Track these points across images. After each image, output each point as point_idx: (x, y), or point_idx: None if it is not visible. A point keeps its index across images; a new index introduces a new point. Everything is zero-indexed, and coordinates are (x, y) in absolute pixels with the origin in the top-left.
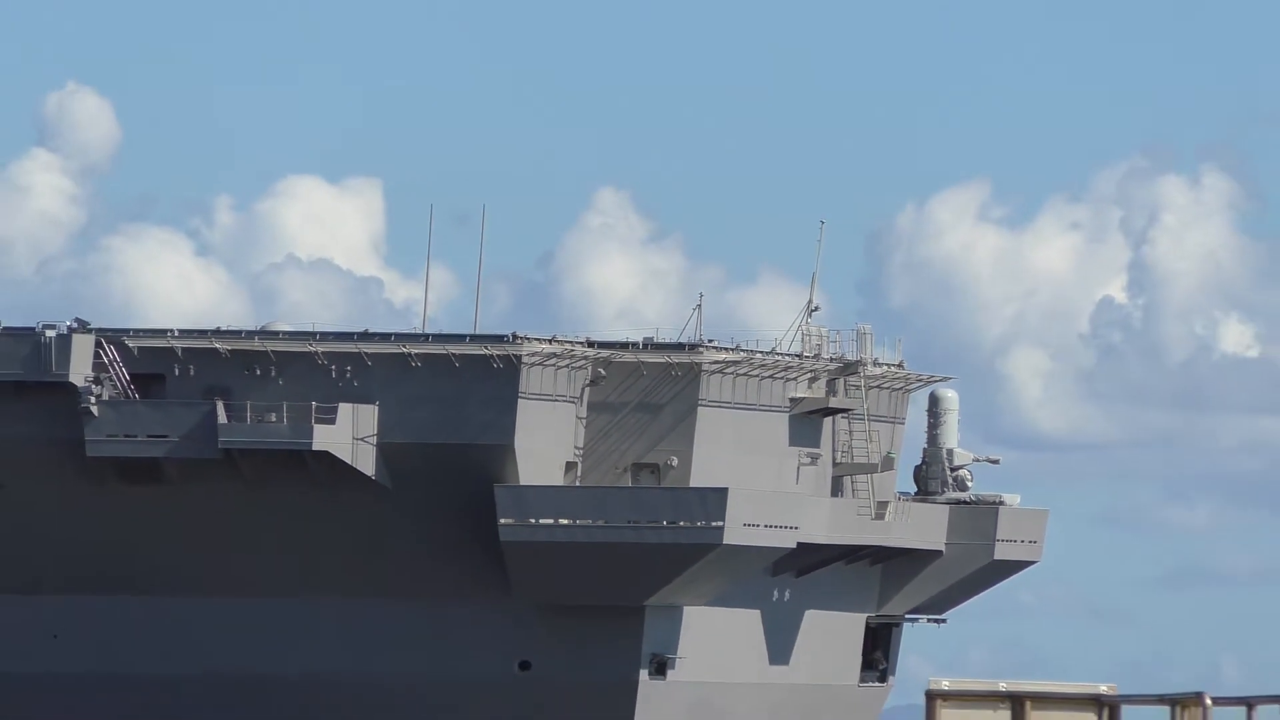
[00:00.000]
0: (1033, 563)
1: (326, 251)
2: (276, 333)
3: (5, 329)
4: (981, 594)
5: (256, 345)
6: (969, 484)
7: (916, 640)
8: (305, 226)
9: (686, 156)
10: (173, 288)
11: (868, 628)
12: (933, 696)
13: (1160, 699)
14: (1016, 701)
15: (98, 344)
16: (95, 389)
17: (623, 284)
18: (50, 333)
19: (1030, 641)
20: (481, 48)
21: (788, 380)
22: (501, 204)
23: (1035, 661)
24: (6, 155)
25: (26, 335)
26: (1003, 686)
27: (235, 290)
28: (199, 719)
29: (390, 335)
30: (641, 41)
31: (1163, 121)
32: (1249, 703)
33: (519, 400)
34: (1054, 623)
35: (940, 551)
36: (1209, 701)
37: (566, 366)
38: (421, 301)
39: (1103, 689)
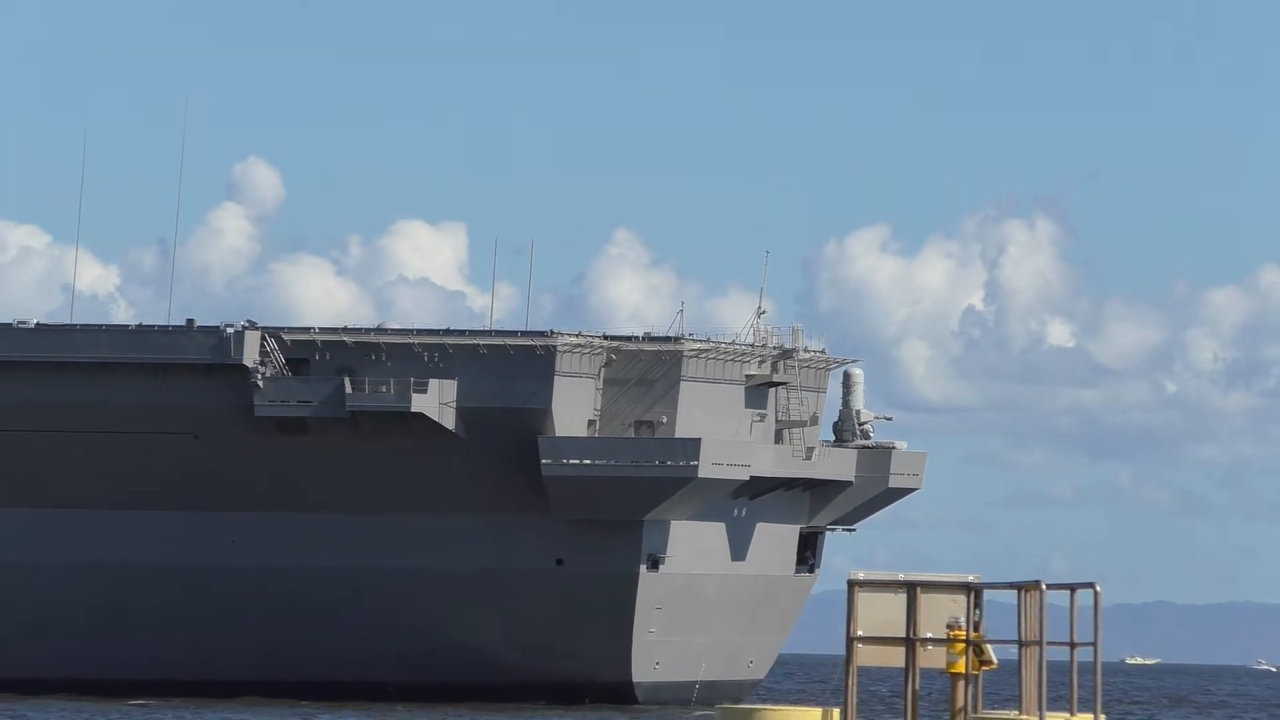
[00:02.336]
0: (916, 490)
1: (426, 272)
2: (387, 330)
3: (200, 327)
4: (880, 511)
5: (373, 338)
6: (871, 434)
7: (835, 544)
8: (412, 255)
9: (676, 207)
10: (318, 298)
11: (800, 535)
12: (852, 584)
13: (1010, 585)
14: (910, 588)
15: (262, 338)
16: (261, 369)
17: (631, 296)
18: (230, 330)
19: (917, 545)
20: (535, 121)
21: (743, 362)
22: (548, 238)
23: (921, 559)
24: (206, 206)
25: (215, 331)
26: (900, 577)
27: (362, 300)
28: (332, 599)
29: (465, 331)
30: (647, 121)
31: (1008, 182)
32: (1071, 588)
33: (555, 377)
34: (933, 532)
35: (851, 481)
36: (1044, 586)
37: (588, 353)
38: (489, 308)
39: (970, 578)
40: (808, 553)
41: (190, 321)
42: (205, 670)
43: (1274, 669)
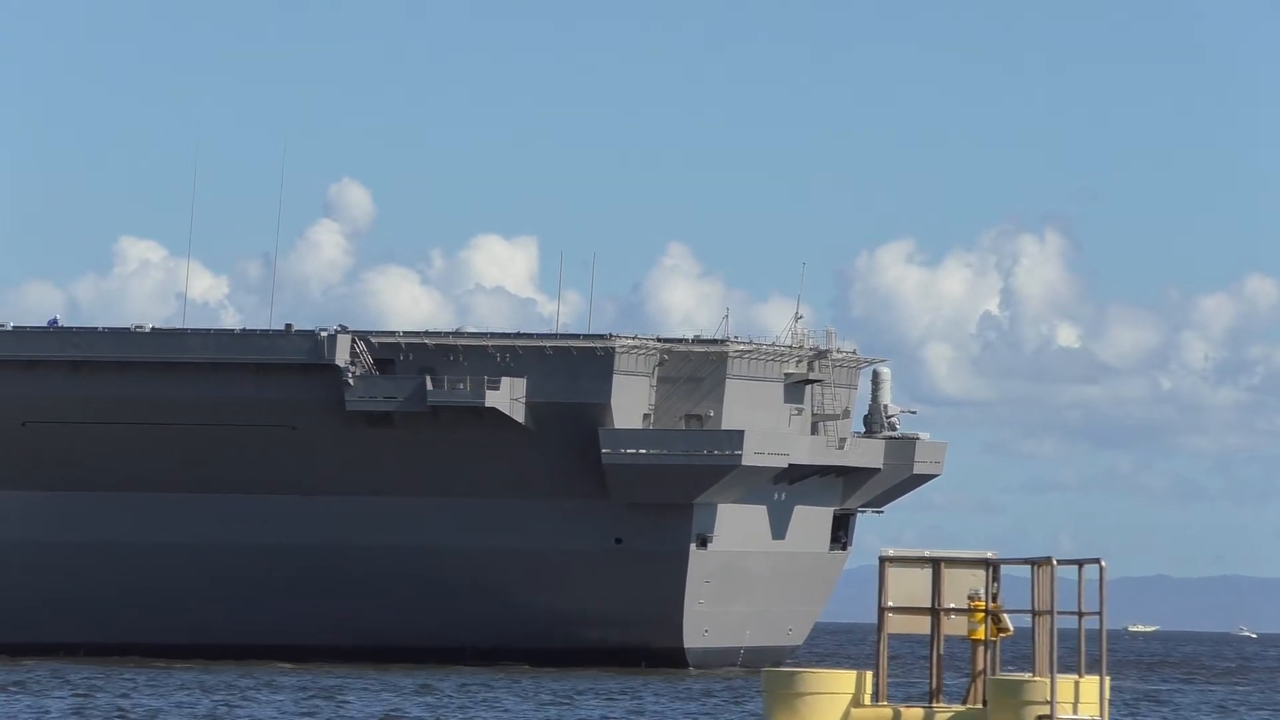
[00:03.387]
0: (937, 476)
1: (501, 281)
2: (464, 333)
3: (297, 331)
4: (906, 495)
5: (451, 341)
6: (897, 426)
7: (865, 525)
8: (488, 265)
9: (724, 223)
10: (405, 305)
11: (834, 516)
12: (883, 560)
13: (1024, 561)
14: (935, 563)
15: (353, 341)
16: (351, 369)
17: (683, 302)
18: (324, 334)
19: (939, 525)
20: (599, 145)
21: (782, 362)
22: (610, 251)
23: (944, 537)
24: (305, 223)
25: (310, 335)
26: (926, 553)
27: (444, 306)
28: (414, 573)
29: (533, 334)
30: (697, 145)
31: (1020, 201)
32: (1079, 563)
33: (614, 375)
34: (954, 513)
35: (879, 468)
36: (1055, 562)
37: (643, 354)
38: (556, 313)
39: (988, 555)
40: (841, 532)
41: (289, 326)
42: (304, 637)
43: (1254, 635)
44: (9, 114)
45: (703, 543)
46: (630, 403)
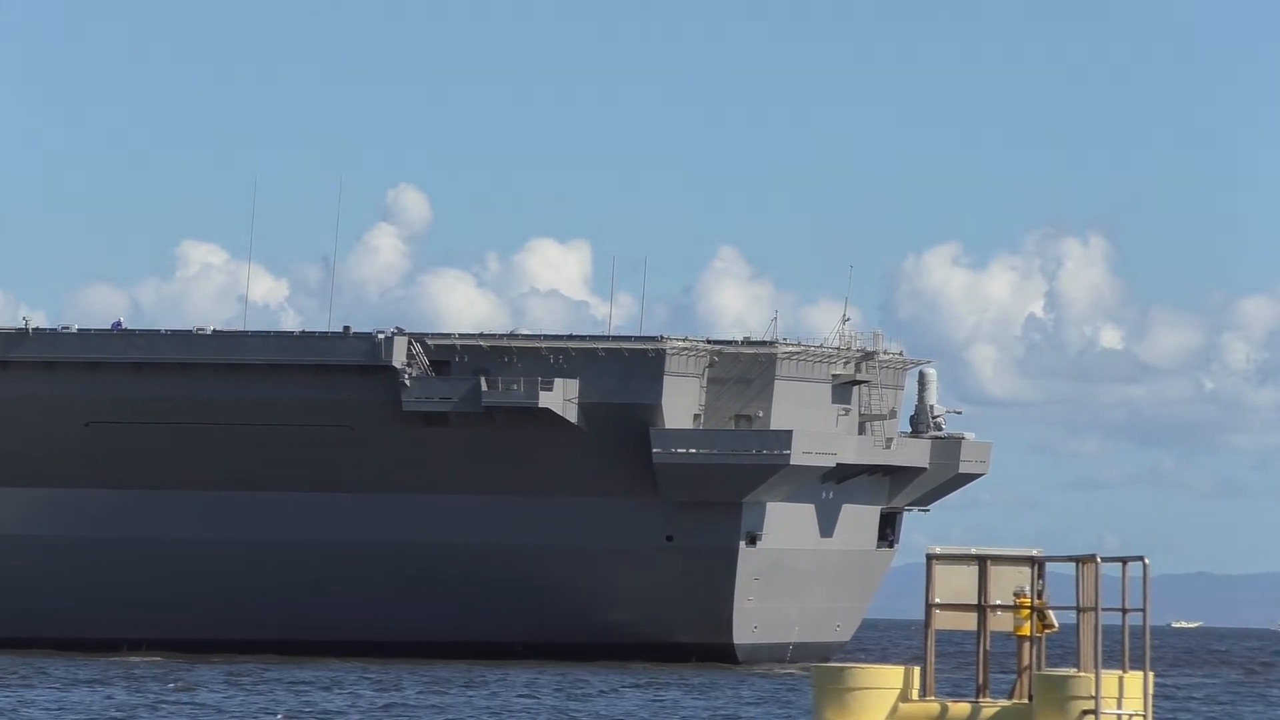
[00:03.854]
0: (982, 475)
1: (555, 284)
2: (518, 335)
3: (355, 333)
4: (952, 494)
5: (505, 343)
6: (943, 426)
7: (912, 523)
8: (543, 269)
9: (774, 226)
10: (461, 307)
11: (881, 515)
12: (930, 558)
13: (1068, 558)
14: (981, 561)
15: (409, 342)
16: (408, 370)
17: (734, 305)
18: (381, 336)
19: (985, 523)
20: (651, 150)
21: (830, 363)
22: (661, 254)
23: (989, 535)
24: (363, 227)
25: (368, 337)
26: (972, 551)
27: (499, 308)
28: (469, 570)
29: (585, 336)
30: (747, 151)
31: (1065, 204)
32: (1123, 560)
33: (664, 376)
34: (999, 511)
35: (925, 468)
36: (1099, 559)
37: (694, 355)
38: (609, 316)
39: (1033, 552)
40: (887, 530)
41: (347, 328)
42: (362, 633)
43: None
44: (72, 119)
45: (752, 540)
46: (681, 403)
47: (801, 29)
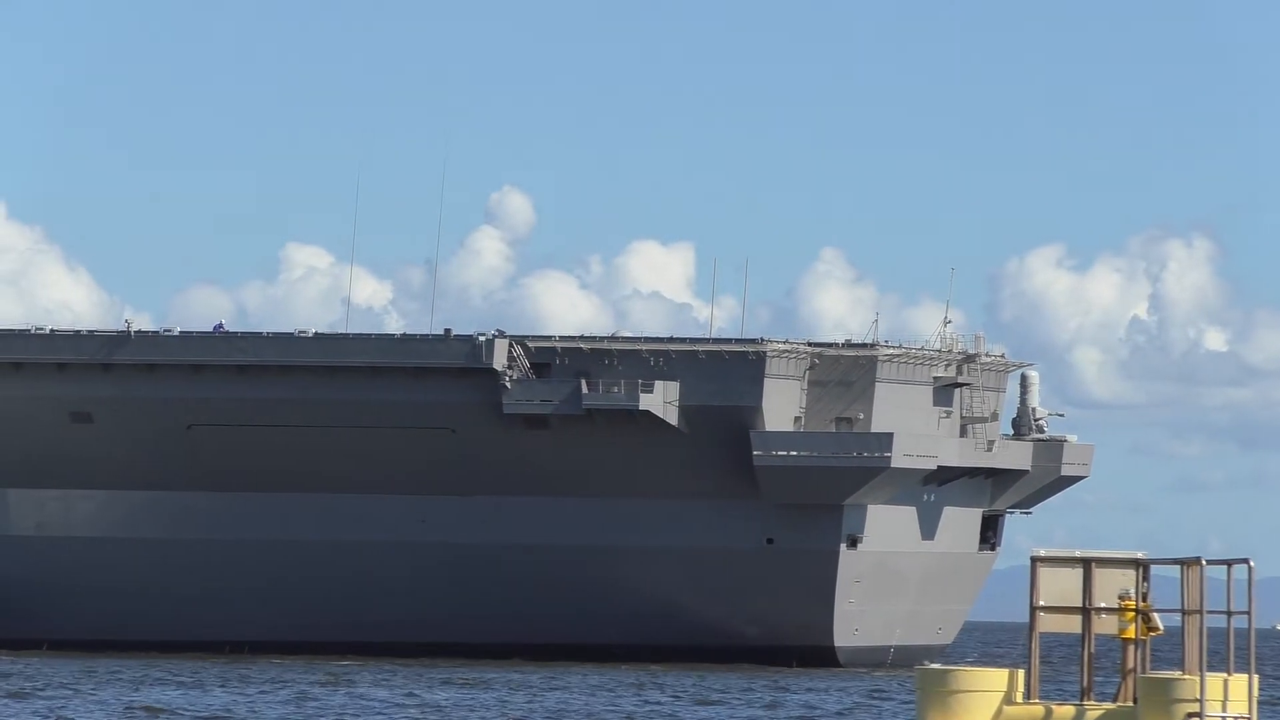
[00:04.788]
0: (1084, 478)
1: (658, 287)
2: (618, 338)
3: (456, 336)
4: (1054, 496)
5: (606, 345)
6: (1045, 429)
7: (1014, 525)
8: (645, 271)
9: (876, 228)
10: (564, 309)
11: (982, 517)
12: (1034, 560)
13: (1173, 561)
14: (1086, 563)
15: (510, 345)
16: (509, 372)
17: (836, 307)
18: (482, 338)
19: (1088, 525)
20: (753, 154)
21: (931, 365)
22: (764, 257)
23: (1092, 538)
24: (466, 230)
25: (469, 340)
26: (1077, 553)
27: (602, 310)
28: (569, 572)
29: (686, 339)
30: (850, 154)
31: (1168, 206)
32: (1228, 563)
33: (765, 379)
34: (1103, 514)
35: (1027, 470)
36: (1204, 562)
37: (794, 358)
38: (710, 318)
39: (1138, 555)
40: (989, 533)
41: (447, 331)
42: (462, 635)
43: None
44: (180, 123)
45: (853, 543)
46: (781, 405)
47: (905, 30)
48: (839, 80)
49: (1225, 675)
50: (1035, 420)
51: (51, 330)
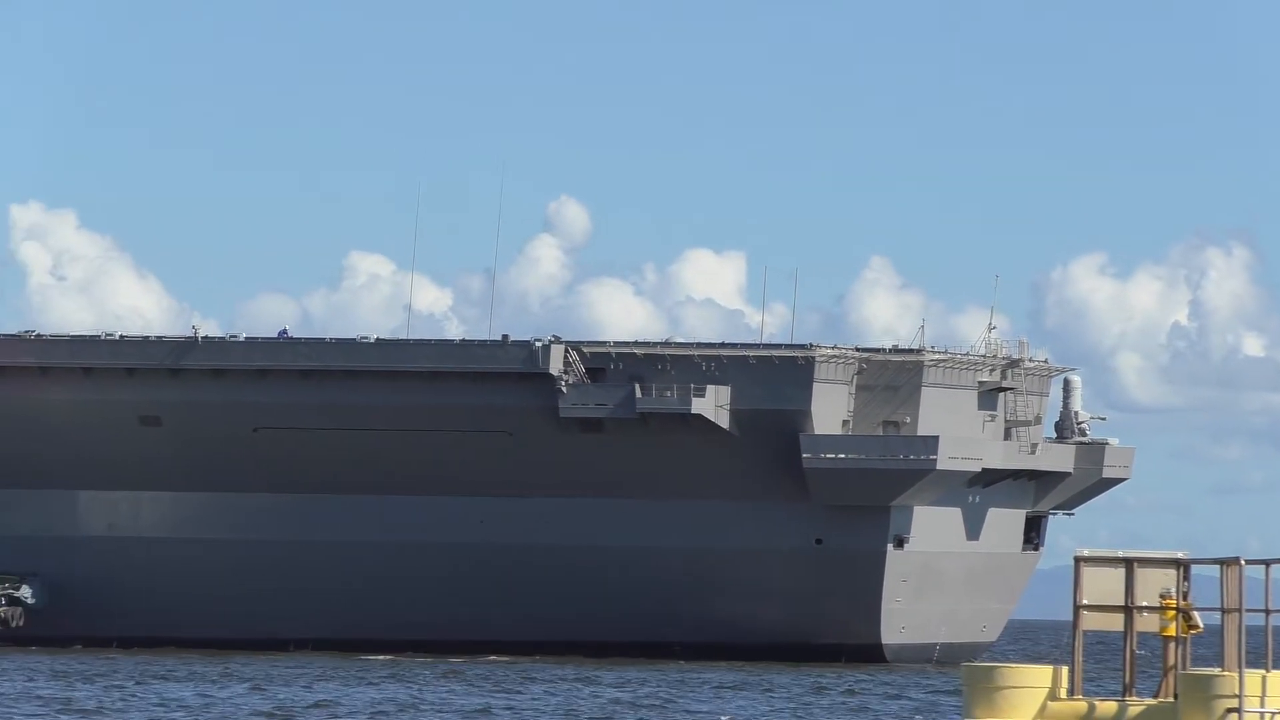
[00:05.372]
0: (1126, 479)
1: (711, 294)
2: (671, 343)
3: (513, 342)
4: (1097, 498)
5: (659, 351)
6: (1088, 432)
7: (1057, 526)
8: (698, 278)
9: (924, 237)
10: (619, 316)
11: (1026, 518)
12: (1078, 560)
13: (1213, 561)
14: (1128, 563)
15: (565, 351)
16: (564, 377)
17: (884, 313)
18: (539, 344)
19: (1129, 526)
20: (804, 165)
21: (976, 370)
22: (813, 265)
23: (1133, 538)
24: (525, 238)
25: (526, 345)
26: (1119, 553)
27: (656, 317)
28: (625, 572)
29: (737, 344)
30: (897, 165)
31: (1208, 214)
32: (1266, 563)
33: (814, 383)
34: (1144, 515)
35: (1070, 472)
36: (1243, 562)
37: (842, 363)
38: (761, 324)
39: (1179, 555)
40: (1033, 533)
41: (505, 337)
42: (519, 633)
43: None
44: (245, 137)
45: (900, 543)
46: (830, 409)
47: (951, 49)
48: (887, 94)
49: (1264, 672)
50: (1078, 424)
51: (121, 336)
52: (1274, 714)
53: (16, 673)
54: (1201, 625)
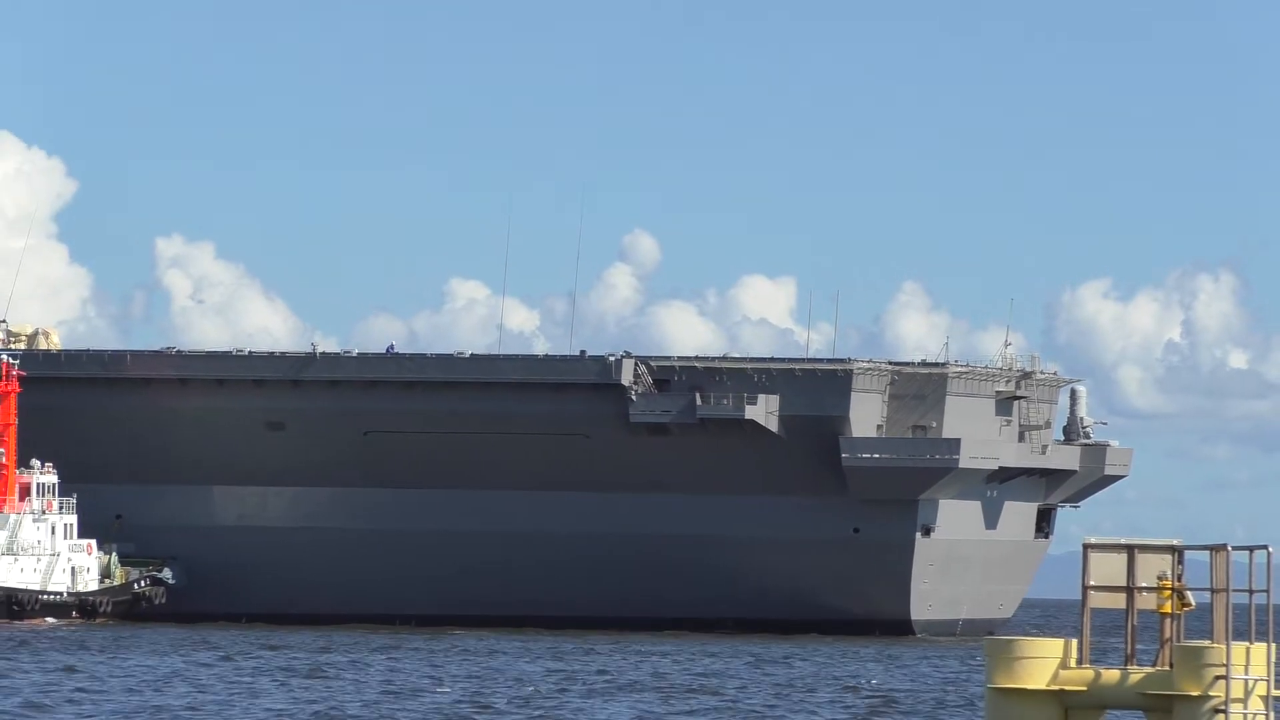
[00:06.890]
0: (1124, 477)
1: (765, 314)
2: (727, 358)
3: (590, 356)
4: (1099, 493)
5: (717, 364)
6: (1091, 435)
7: (1065, 517)
8: (754, 301)
9: (951, 264)
10: (684, 334)
11: (1038, 510)
12: (1086, 546)
13: (1203, 547)
14: (1129, 549)
15: (635, 364)
16: (634, 387)
17: (914, 331)
18: (612, 359)
19: (1129, 517)
20: (847, 200)
21: (994, 381)
22: (852, 289)
23: (1133, 528)
24: (603, 266)
25: (600, 360)
26: (1122, 541)
27: (718, 335)
28: (684, 558)
29: (784, 359)
30: (934, 192)
31: (1198, 245)
32: (1250, 549)
33: (852, 393)
34: (1142, 508)
35: (1076, 470)
36: (1230, 548)
37: (877, 375)
38: (807, 341)
39: (1174, 542)
40: (1043, 523)
41: (583, 352)
42: (597, 610)
43: None
44: (359, 178)
45: (927, 532)
46: (866, 415)
47: (975, 77)
48: (917, 141)
49: (1247, 644)
50: (1083, 428)
51: (250, 352)
52: (1256, 680)
53: (232, 648)
54: (1193, 603)
